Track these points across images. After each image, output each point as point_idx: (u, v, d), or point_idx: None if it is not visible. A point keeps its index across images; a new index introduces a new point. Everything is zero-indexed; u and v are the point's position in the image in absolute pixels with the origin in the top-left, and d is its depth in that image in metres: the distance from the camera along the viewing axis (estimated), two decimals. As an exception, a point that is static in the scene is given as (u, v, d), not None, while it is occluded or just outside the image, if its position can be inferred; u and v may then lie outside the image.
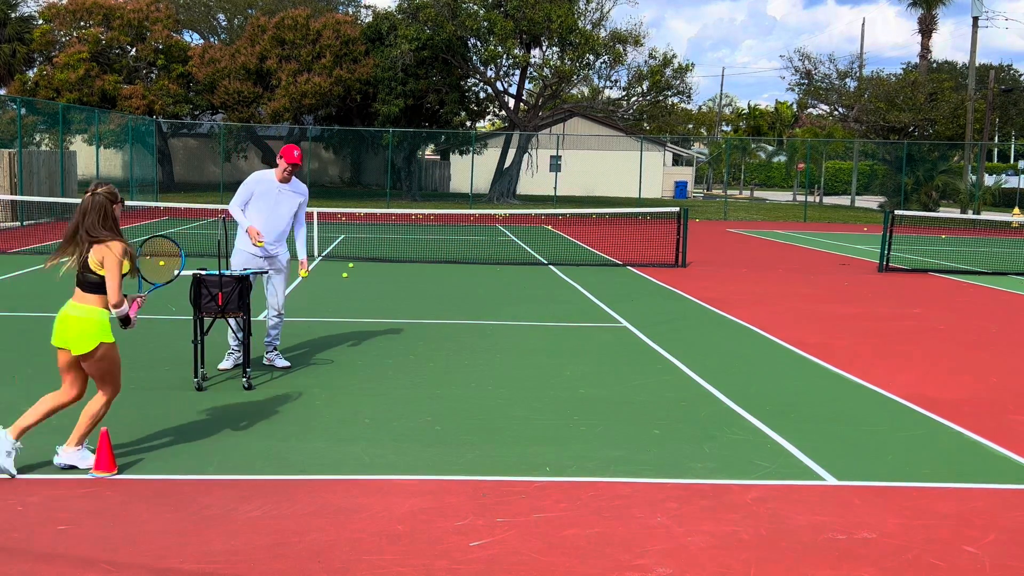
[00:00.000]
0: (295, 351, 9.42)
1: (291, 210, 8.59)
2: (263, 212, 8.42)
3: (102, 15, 41.28)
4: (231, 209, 8.52)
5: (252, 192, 8.45)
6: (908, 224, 32.17)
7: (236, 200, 8.50)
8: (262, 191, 8.45)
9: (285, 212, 8.54)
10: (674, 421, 7.25)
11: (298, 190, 8.65)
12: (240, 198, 8.48)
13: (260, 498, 5.39)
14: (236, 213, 8.48)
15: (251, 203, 8.45)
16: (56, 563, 4.50)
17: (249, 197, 8.45)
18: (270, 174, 8.55)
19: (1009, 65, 71.28)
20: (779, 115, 79.73)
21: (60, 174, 26.89)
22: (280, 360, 8.72)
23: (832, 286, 16.19)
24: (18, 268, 15.37)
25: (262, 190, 8.46)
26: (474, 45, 41.38)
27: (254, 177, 8.56)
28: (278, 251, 8.58)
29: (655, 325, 11.55)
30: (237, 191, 8.56)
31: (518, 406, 7.55)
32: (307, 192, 8.81)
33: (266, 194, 8.45)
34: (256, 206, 8.44)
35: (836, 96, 53.10)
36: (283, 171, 8.45)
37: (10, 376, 8.07)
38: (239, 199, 8.48)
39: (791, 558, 4.79)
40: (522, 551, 4.77)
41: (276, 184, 8.49)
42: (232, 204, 8.52)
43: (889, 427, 7.28)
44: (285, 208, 8.54)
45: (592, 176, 52.83)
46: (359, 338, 10.21)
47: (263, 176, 8.55)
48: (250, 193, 8.45)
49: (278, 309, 8.68)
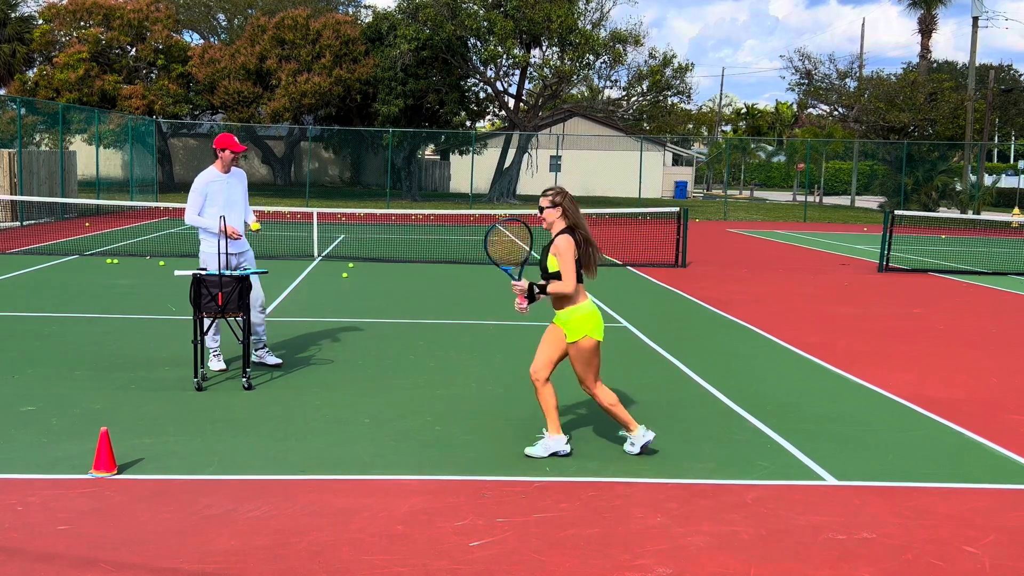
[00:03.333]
0: (295, 351, 9.42)
1: (241, 198, 8.65)
2: (221, 208, 8.40)
3: (102, 15, 41.29)
4: (189, 218, 8.44)
5: (205, 195, 8.42)
6: (908, 224, 32.17)
7: (192, 209, 8.42)
8: (213, 191, 8.45)
9: (238, 201, 8.60)
10: (674, 421, 7.25)
11: (238, 176, 8.69)
12: (195, 206, 8.41)
13: (260, 498, 5.39)
14: (196, 220, 8.42)
15: (206, 206, 8.42)
16: (56, 563, 4.50)
17: (203, 201, 8.42)
18: (212, 172, 8.52)
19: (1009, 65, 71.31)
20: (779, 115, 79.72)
21: (60, 174, 26.89)
22: (270, 357, 8.72)
23: (832, 286, 16.19)
24: (18, 268, 15.37)
25: (213, 190, 8.45)
26: (474, 45, 41.37)
27: (201, 181, 8.47)
28: (245, 247, 8.60)
29: (655, 325, 11.55)
30: (189, 200, 8.45)
31: (518, 406, 7.55)
32: (244, 174, 8.86)
33: (218, 191, 8.46)
34: (215, 206, 8.40)
35: (836, 96, 53.08)
36: (229, 162, 8.47)
37: (10, 375, 8.07)
38: (194, 207, 8.41)
39: (791, 558, 4.79)
40: (522, 551, 4.77)
41: (222, 177, 8.50)
42: (189, 214, 8.43)
43: (889, 427, 7.28)
44: (237, 197, 8.59)
45: (592, 176, 52.84)
46: (359, 338, 10.21)
47: (208, 177, 8.50)
48: (203, 197, 8.42)
49: (260, 305, 8.66)
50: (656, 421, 7.22)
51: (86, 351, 9.18)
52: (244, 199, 8.72)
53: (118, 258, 17.29)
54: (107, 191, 34.14)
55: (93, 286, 13.67)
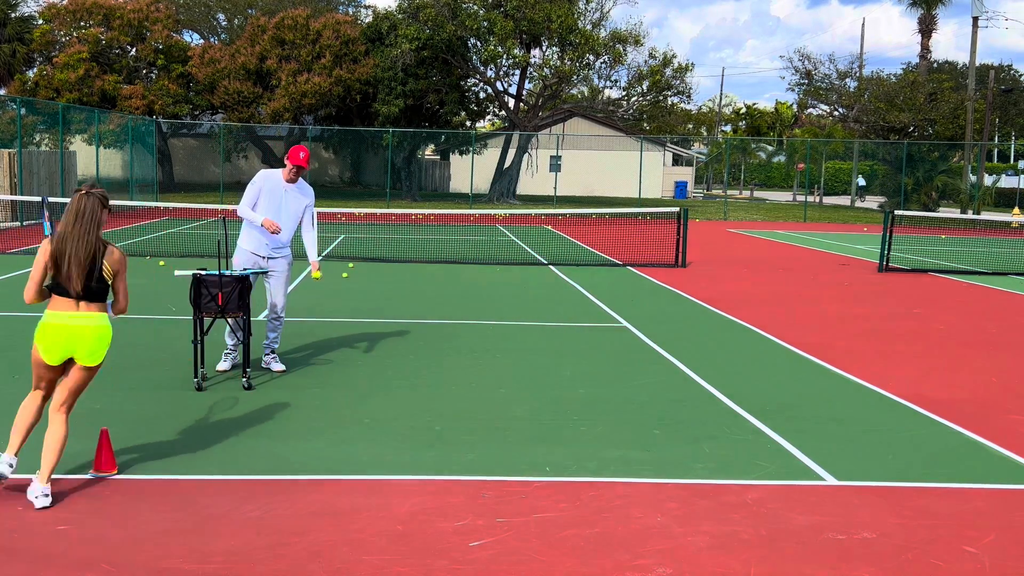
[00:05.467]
0: (295, 351, 9.42)
1: (297, 211, 8.56)
2: (270, 211, 8.38)
3: (102, 15, 41.26)
4: (241, 210, 8.42)
5: (260, 189, 8.41)
6: (908, 224, 32.16)
7: (245, 200, 8.42)
8: (269, 188, 8.42)
9: (292, 212, 8.52)
10: (674, 421, 7.25)
11: (304, 192, 8.63)
12: (249, 198, 8.42)
13: (260, 498, 5.39)
14: (246, 212, 8.39)
15: (259, 201, 8.41)
16: (56, 563, 4.50)
17: (258, 194, 8.41)
18: (277, 173, 8.54)
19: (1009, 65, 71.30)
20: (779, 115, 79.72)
21: (60, 174, 26.89)
22: (276, 364, 8.64)
23: (832, 286, 16.19)
24: (18, 268, 15.36)
25: (269, 187, 8.43)
26: (474, 45, 41.37)
27: (261, 175, 8.52)
28: (282, 253, 8.56)
29: (655, 325, 11.54)
30: (246, 191, 8.48)
31: (518, 406, 7.55)
32: (313, 195, 8.79)
33: (273, 192, 8.42)
34: (263, 204, 8.40)
35: (836, 96, 53.10)
36: (289, 172, 8.44)
37: (11, 375, 8.07)
38: (248, 199, 8.41)
39: (791, 558, 4.79)
40: (522, 551, 4.77)
41: (283, 183, 8.48)
42: (242, 204, 8.42)
43: (889, 427, 7.28)
44: (291, 208, 8.51)
45: (592, 176, 52.82)
46: (359, 338, 10.21)
47: (270, 174, 8.53)
48: (258, 190, 8.41)
49: (277, 311, 8.64)
50: (656, 421, 7.22)
51: (86, 351, 9.17)
52: (299, 215, 8.57)
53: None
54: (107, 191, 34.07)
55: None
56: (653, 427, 7.05)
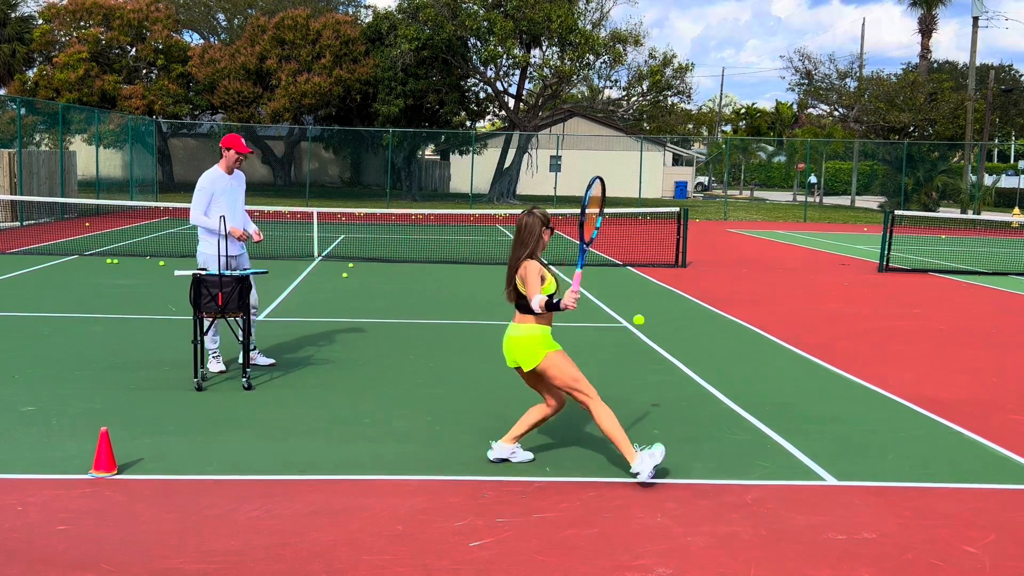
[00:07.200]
0: (295, 351, 9.42)
1: (242, 200, 8.60)
2: (226, 209, 8.33)
3: (102, 15, 41.28)
4: (198, 219, 8.31)
5: (212, 194, 8.33)
6: (908, 224, 32.16)
7: (198, 207, 8.30)
8: (220, 189, 8.37)
9: (240, 204, 8.56)
10: (674, 421, 7.25)
11: (239, 178, 8.65)
12: (202, 204, 8.30)
13: (260, 498, 5.39)
14: (201, 220, 8.30)
15: (212, 205, 8.33)
16: (56, 563, 4.50)
17: (210, 200, 8.33)
18: (217, 171, 8.44)
19: (1009, 65, 71.23)
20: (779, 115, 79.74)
21: (60, 174, 26.89)
22: (262, 358, 8.71)
23: (832, 286, 16.19)
24: (18, 268, 15.37)
25: (220, 188, 8.37)
26: (474, 45, 41.37)
27: (207, 180, 8.36)
28: (243, 248, 8.57)
29: (655, 325, 11.54)
30: (195, 199, 8.33)
31: (518, 406, 7.53)
32: (244, 177, 8.78)
33: (224, 192, 8.39)
34: (219, 207, 8.31)
35: (836, 96, 53.11)
36: (234, 162, 8.41)
37: (10, 375, 8.06)
38: (201, 205, 8.30)
39: (791, 558, 4.79)
40: (522, 551, 4.77)
41: (227, 178, 8.45)
42: (195, 213, 8.31)
43: (889, 427, 7.28)
44: (239, 200, 8.56)
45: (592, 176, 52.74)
46: (359, 338, 10.21)
47: (214, 176, 8.41)
48: (210, 195, 8.32)
49: (254, 307, 8.61)
50: (656, 421, 7.23)
51: (86, 351, 9.18)
52: (242, 202, 8.66)
53: (118, 258, 17.29)
54: (107, 191, 34.12)
55: (93, 286, 13.67)
56: (653, 427, 7.05)
